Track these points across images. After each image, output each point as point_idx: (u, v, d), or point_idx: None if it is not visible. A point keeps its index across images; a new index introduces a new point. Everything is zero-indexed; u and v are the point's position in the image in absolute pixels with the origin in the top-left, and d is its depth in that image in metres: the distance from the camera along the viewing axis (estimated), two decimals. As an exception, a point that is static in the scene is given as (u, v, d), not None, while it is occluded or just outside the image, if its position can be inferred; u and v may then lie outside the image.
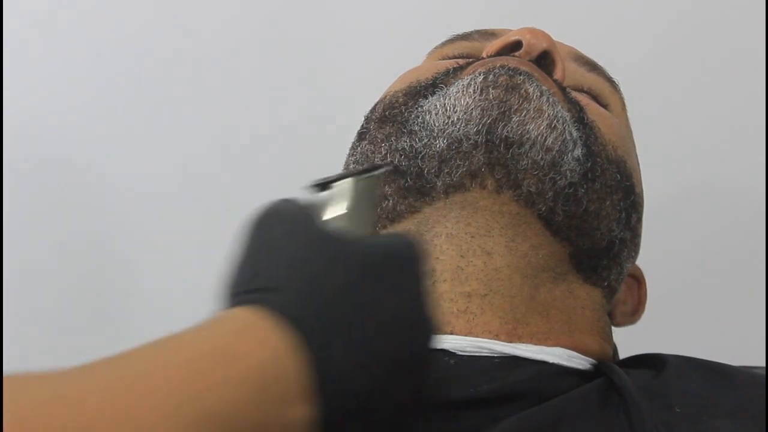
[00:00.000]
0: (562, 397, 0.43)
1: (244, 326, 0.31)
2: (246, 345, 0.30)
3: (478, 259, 0.47)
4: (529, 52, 0.52)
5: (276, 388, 0.30)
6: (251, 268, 0.35)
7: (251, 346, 0.30)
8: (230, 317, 0.32)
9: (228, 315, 0.32)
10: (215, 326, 0.31)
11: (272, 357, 0.30)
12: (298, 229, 0.37)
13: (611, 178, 0.50)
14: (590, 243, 0.50)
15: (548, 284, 0.48)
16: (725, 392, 0.44)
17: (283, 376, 0.30)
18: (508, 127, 0.47)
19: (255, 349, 0.30)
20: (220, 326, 0.31)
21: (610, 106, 0.57)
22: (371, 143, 0.52)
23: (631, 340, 0.58)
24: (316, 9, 0.92)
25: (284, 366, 0.30)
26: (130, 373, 0.28)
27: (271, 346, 0.30)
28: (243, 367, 0.29)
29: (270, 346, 0.30)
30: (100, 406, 0.26)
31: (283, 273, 0.34)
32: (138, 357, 0.29)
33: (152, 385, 0.28)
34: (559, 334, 0.48)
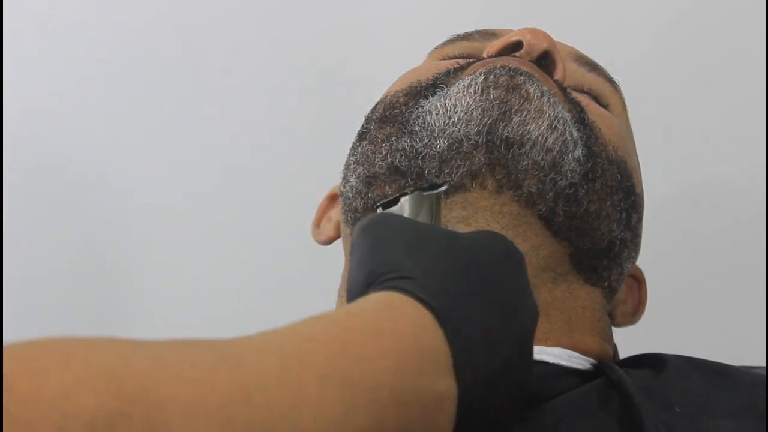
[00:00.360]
0: (562, 397, 0.43)
1: (387, 306, 0.33)
2: (391, 322, 0.32)
3: (478, 260, 0.47)
4: (529, 52, 0.52)
5: (421, 360, 0.32)
6: (377, 258, 0.37)
7: (396, 323, 0.32)
8: (373, 299, 0.34)
9: (371, 298, 0.34)
10: (362, 306, 0.34)
11: (414, 332, 0.32)
12: (412, 226, 0.40)
13: (612, 178, 0.50)
14: (590, 243, 0.50)
15: (548, 284, 0.48)
16: (725, 392, 0.44)
17: (428, 349, 0.32)
18: (508, 127, 0.47)
19: (400, 325, 0.32)
20: (367, 306, 0.33)
21: (611, 107, 0.57)
22: (372, 143, 0.52)
23: (631, 340, 0.58)
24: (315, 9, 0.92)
25: (426, 340, 0.32)
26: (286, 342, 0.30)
27: (413, 322, 0.33)
28: (391, 339, 0.31)
29: (412, 323, 0.32)
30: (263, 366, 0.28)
31: (410, 261, 0.36)
32: (293, 330, 0.31)
33: (311, 350, 0.29)
34: (559, 334, 0.48)
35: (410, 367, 0.31)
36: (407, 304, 0.33)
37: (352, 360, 0.30)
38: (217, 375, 0.26)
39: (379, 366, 0.30)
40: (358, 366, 0.30)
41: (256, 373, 0.27)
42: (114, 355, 0.25)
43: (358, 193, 0.52)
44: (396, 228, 0.39)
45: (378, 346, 0.31)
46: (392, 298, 0.34)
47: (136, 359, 0.25)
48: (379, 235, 0.39)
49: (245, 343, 0.29)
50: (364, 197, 0.52)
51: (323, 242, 0.61)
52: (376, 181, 0.51)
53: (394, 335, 0.32)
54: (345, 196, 0.54)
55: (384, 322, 0.32)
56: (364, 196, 0.52)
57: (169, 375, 0.25)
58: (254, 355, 0.28)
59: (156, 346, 0.27)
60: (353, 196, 0.53)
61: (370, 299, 0.34)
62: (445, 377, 0.32)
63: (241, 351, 0.28)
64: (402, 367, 0.31)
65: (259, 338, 0.30)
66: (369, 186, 0.51)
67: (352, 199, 0.53)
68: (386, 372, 0.30)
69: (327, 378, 0.29)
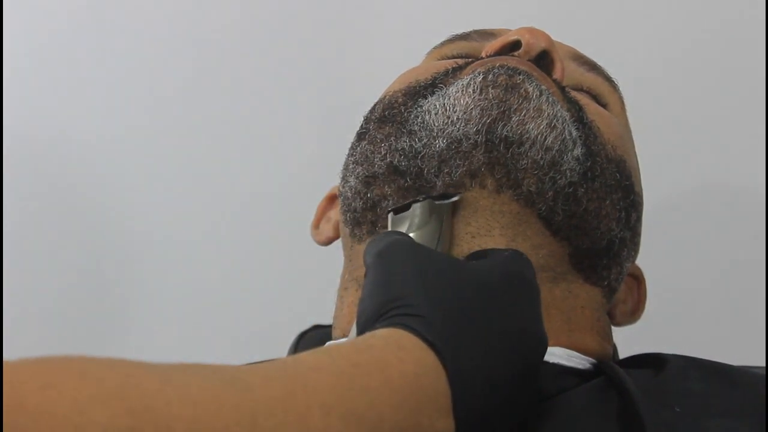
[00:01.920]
0: (562, 396, 0.43)
1: (394, 344, 0.34)
2: (396, 359, 0.33)
3: (478, 259, 0.47)
4: (528, 51, 0.52)
5: (423, 398, 0.33)
6: (387, 290, 0.38)
7: (401, 361, 0.33)
8: (381, 336, 0.35)
9: (379, 334, 0.35)
10: (370, 342, 0.34)
11: (418, 372, 0.33)
12: (422, 257, 0.41)
13: (611, 177, 0.50)
14: (590, 242, 0.50)
15: (548, 284, 0.48)
16: (725, 392, 0.44)
17: (430, 389, 0.33)
18: (507, 126, 0.47)
19: (405, 363, 0.33)
20: (375, 342, 0.34)
21: (610, 106, 0.57)
22: (371, 143, 0.52)
23: (631, 340, 0.58)
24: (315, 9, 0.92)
25: (429, 379, 0.33)
26: (293, 370, 0.31)
27: (418, 362, 0.34)
28: (396, 376, 0.32)
29: (416, 362, 0.34)
30: (270, 392, 0.29)
31: (419, 296, 0.37)
32: (300, 360, 0.32)
33: (318, 380, 0.30)
34: (559, 333, 0.48)
35: (412, 404, 0.32)
36: (413, 343, 0.34)
37: (357, 393, 0.31)
38: (223, 398, 0.27)
39: (383, 401, 0.31)
40: (362, 399, 0.31)
41: (262, 398, 0.28)
42: (125, 375, 0.26)
43: (358, 193, 0.52)
44: (409, 258, 0.40)
45: (383, 382, 0.32)
46: (399, 335, 0.35)
47: (146, 379, 0.26)
48: (391, 265, 0.40)
49: (253, 369, 0.30)
50: (363, 197, 0.52)
51: (322, 243, 0.61)
52: (376, 181, 0.51)
53: (399, 372, 0.33)
54: (344, 196, 0.54)
55: (390, 359, 0.33)
56: (363, 196, 0.52)
57: (177, 396, 0.26)
58: (261, 381, 0.29)
59: (165, 368, 0.28)
60: (352, 196, 0.53)
61: (377, 335, 0.35)
62: (445, 417, 0.33)
63: (249, 376, 0.29)
64: (404, 404, 0.32)
65: (267, 365, 0.31)
66: (368, 186, 0.51)
67: (351, 200, 0.53)
68: (389, 407, 0.31)
69: (332, 408, 0.29)
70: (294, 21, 0.93)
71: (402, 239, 0.43)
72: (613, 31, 0.86)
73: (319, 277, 0.65)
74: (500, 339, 0.37)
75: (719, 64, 0.84)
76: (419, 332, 0.35)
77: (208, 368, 0.29)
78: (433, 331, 0.35)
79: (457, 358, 0.35)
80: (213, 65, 0.93)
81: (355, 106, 0.58)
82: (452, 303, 0.37)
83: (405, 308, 0.36)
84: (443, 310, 0.36)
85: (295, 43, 0.92)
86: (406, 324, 0.35)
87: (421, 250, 0.42)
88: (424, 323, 0.35)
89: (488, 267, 0.41)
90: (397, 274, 0.39)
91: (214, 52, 0.93)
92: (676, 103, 0.84)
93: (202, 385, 0.27)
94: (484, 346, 0.36)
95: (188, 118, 0.93)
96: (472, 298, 0.38)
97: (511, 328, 0.37)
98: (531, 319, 0.39)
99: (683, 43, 0.84)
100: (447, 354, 0.34)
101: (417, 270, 0.39)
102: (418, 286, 0.38)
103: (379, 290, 0.39)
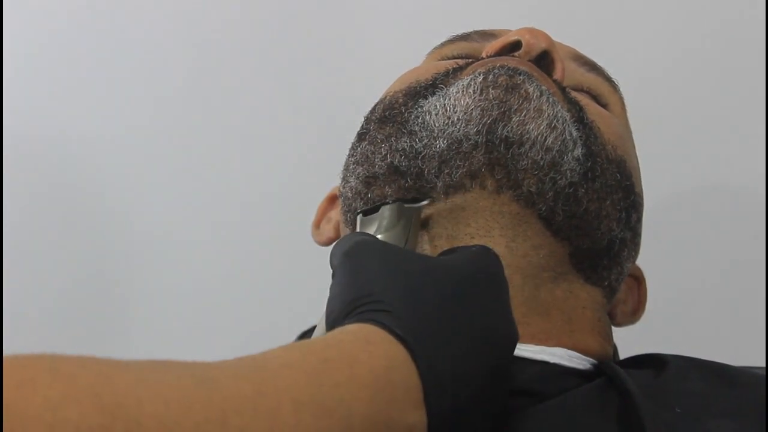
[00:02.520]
0: (563, 396, 0.43)
1: (363, 339, 0.34)
2: (366, 354, 0.33)
3: (478, 260, 0.47)
4: (528, 52, 0.52)
5: (394, 392, 0.33)
6: (356, 288, 0.38)
7: (371, 356, 0.33)
8: (350, 331, 0.35)
9: (348, 329, 0.35)
10: (339, 337, 0.34)
11: (388, 366, 0.33)
12: (393, 253, 0.41)
13: (611, 177, 0.50)
14: (590, 243, 0.50)
15: (549, 284, 0.48)
16: (725, 392, 0.44)
17: (400, 382, 0.33)
18: (508, 127, 0.47)
19: (374, 358, 0.33)
20: (344, 337, 0.34)
21: (610, 106, 0.57)
22: (371, 144, 0.52)
23: (631, 340, 0.58)
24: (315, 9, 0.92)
25: (399, 373, 0.34)
26: (263, 368, 0.31)
27: (388, 356, 0.34)
28: (366, 371, 0.33)
29: (386, 356, 0.34)
30: (240, 390, 0.29)
31: (388, 292, 0.37)
32: (270, 357, 0.32)
33: (288, 377, 0.31)
34: (559, 334, 0.48)
35: (383, 398, 0.32)
36: (382, 337, 0.35)
37: (327, 388, 0.31)
38: (194, 396, 0.27)
39: (354, 396, 0.31)
40: (333, 394, 0.31)
41: (233, 396, 0.28)
42: (97, 373, 0.26)
43: (358, 194, 0.52)
44: (376, 256, 0.40)
45: (353, 377, 0.32)
46: (368, 330, 0.35)
47: (118, 377, 0.27)
48: (359, 264, 0.40)
49: (223, 367, 0.30)
50: (363, 198, 0.52)
51: (323, 243, 0.61)
52: (376, 181, 0.51)
53: (369, 367, 0.33)
54: (344, 196, 0.54)
55: (360, 354, 0.33)
56: (364, 197, 0.52)
57: (148, 394, 0.26)
58: (231, 378, 0.29)
59: (137, 366, 0.28)
60: (353, 196, 0.53)
61: (346, 330, 0.35)
62: (416, 410, 0.33)
63: (219, 374, 0.29)
64: (375, 398, 0.32)
65: (237, 363, 0.31)
66: (368, 186, 0.51)
67: (352, 200, 0.53)
68: (360, 402, 0.31)
69: (303, 404, 0.30)
70: (294, 21, 0.93)
71: (369, 239, 0.44)
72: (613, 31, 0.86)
73: (320, 277, 0.65)
74: (469, 332, 0.37)
75: (719, 64, 0.84)
76: (388, 327, 0.35)
77: (180, 366, 0.29)
78: (402, 326, 0.35)
79: (427, 351, 0.35)
80: (213, 65, 0.93)
81: (355, 107, 0.58)
82: (420, 298, 0.37)
83: (373, 304, 0.36)
84: (411, 304, 0.36)
85: (295, 43, 0.92)
86: (374, 319, 0.35)
87: (388, 248, 0.42)
88: (393, 318, 0.35)
89: (456, 262, 0.41)
90: (365, 272, 0.39)
91: (214, 52, 0.93)
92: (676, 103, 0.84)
93: (174, 383, 0.28)
94: (454, 339, 0.36)
95: (188, 118, 0.93)
96: (439, 292, 0.38)
97: (479, 322, 0.37)
98: (498, 312, 0.39)
99: (683, 43, 0.84)
100: (417, 348, 0.34)
101: (384, 267, 0.39)
102: (386, 282, 0.38)
103: (348, 289, 0.39)
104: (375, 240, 0.44)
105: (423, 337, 0.35)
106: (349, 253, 0.41)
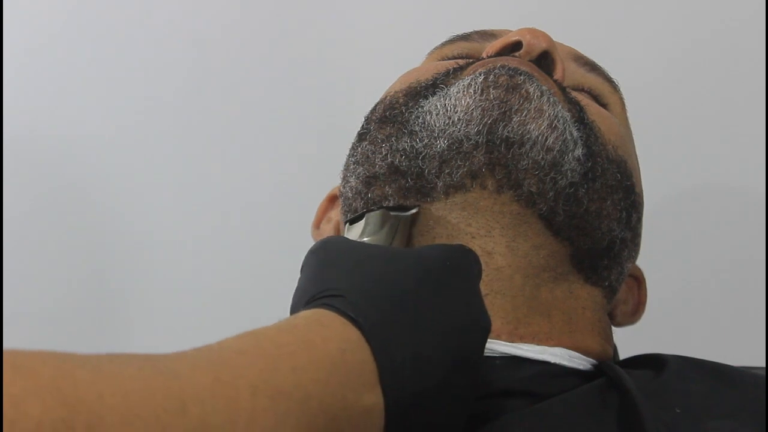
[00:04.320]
0: (563, 396, 0.43)
1: (317, 322, 0.35)
2: (320, 337, 0.34)
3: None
4: (529, 52, 0.52)
5: (349, 373, 0.33)
6: (318, 281, 0.39)
7: (325, 338, 0.34)
8: (304, 316, 0.36)
9: (301, 314, 0.36)
10: (293, 322, 0.35)
11: (342, 347, 0.34)
12: (354, 247, 0.42)
13: (612, 177, 0.50)
14: (591, 243, 0.50)
15: (549, 284, 0.48)
16: (725, 392, 0.44)
17: (355, 364, 0.34)
18: (508, 127, 0.47)
19: (328, 340, 0.34)
20: (298, 322, 0.35)
21: (610, 106, 0.57)
22: (372, 143, 0.52)
23: (631, 340, 0.58)
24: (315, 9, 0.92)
25: (354, 356, 0.34)
26: (220, 356, 0.31)
27: (341, 337, 0.34)
28: (321, 353, 0.33)
29: (340, 338, 0.34)
30: (198, 378, 0.29)
31: (346, 281, 0.38)
32: (226, 345, 0.32)
33: (244, 363, 0.31)
34: (560, 334, 0.48)
35: (339, 380, 0.33)
36: (336, 320, 0.35)
37: (283, 372, 0.31)
38: (153, 387, 0.28)
39: (309, 378, 0.32)
40: (289, 378, 0.31)
41: (191, 384, 0.29)
42: (58, 367, 0.27)
43: (358, 194, 0.52)
44: (340, 250, 0.41)
45: (308, 359, 0.32)
46: (322, 314, 0.36)
47: (79, 371, 0.27)
48: (322, 259, 0.41)
49: (181, 357, 0.31)
50: (364, 197, 0.52)
51: (323, 243, 0.61)
52: (376, 181, 0.51)
53: (324, 350, 0.33)
54: (345, 196, 0.54)
55: (314, 337, 0.34)
56: (364, 197, 0.52)
57: (109, 387, 0.27)
58: (189, 368, 0.30)
59: (98, 360, 0.28)
60: (353, 196, 0.53)
61: (300, 315, 0.36)
62: (372, 392, 0.34)
63: (178, 364, 0.30)
64: (331, 381, 0.32)
65: (194, 353, 0.31)
66: (369, 186, 0.51)
67: (352, 200, 0.53)
68: (316, 384, 0.32)
69: (260, 389, 0.30)
70: (295, 21, 0.93)
71: (336, 237, 0.44)
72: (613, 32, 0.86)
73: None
74: (433, 319, 0.37)
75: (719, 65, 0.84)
76: (340, 309, 0.35)
77: (139, 358, 0.30)
78: (355, 308, 0.35)
79: (382, 333, 0.35)
80: (213, 65, 0.93)
81: (355, 107, 0.58)
82: (378, 284, 0.37)
83: (329, 291, 0.37)
84: (367, 290, 0.37)
85: (295, 43, 0.92)
86: (328, 303, 0.36)
87: (353, 244, 0.43)
88: (346, 302, 0.36)
89: (424, 253, 0.41)
90: (328, 266, 0.40)
91: (214, 52, 0.93)
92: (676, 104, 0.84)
93: (134, 375, 0.28)
94: (415, 325, 0.36)
95: (188, 118, 0.93)
96: (401, 280, 0.38)
97: (444, 310, 0.38)
98: (466, 302, 0.39)
99: (683, 44, 0.85)
100: (369, 328, 0.35)
101: (345, 259, 0.40)
102: (345, 273, 0.39)
103: (309, 283, 0.40)
104: (342, 238, 0.45)
105: (377, 319, 0.35)
106: (315, 250, 0.42)
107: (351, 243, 0.43)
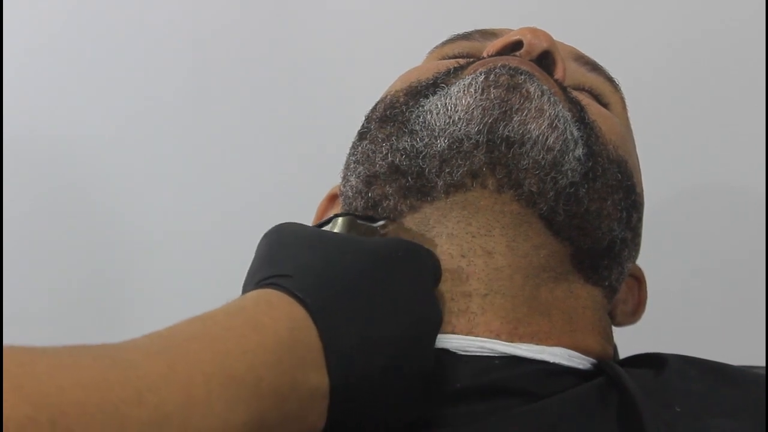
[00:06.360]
0: (563, 395, 0.43)
1: (264, 302, 0.35)
2: (269, 317, 0.34)
3: (479, 259, 0.47)
4: (529, 51, 0.52)
5: (297, 353, 0.33)
6: (268, 263, 0.39)
7: (274, 318, 0.34)
8: (251, 297, 0.36)
9: (248, 296, 0.36)
10: (241, 304, 0.35)
11: (290, 327, 0.34)
12: (308, 232, 0.42)
13: (612, 177, 0.50)
14: (591, 242, 0.49)
15: (549, 284, 0.48)
16: (725, 392, 0.44)
17: (302, 343, 0.34)
18: (509, 126, 0.47)
19: (276, 320, 0.34)
20: (245, 303, 0.35)
21: (611, 106, 0.57)
22: (372, 143, 0.52)
23: (631, 340, 0.58)
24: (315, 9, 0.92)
25: (301, 336, 0.34)
26: (172, 342, 0.31)
27: (289, 317, 0.34)
28: (270, 334, 0.33)
29: (288, 317, 0.34)
30: (153, 368, 0.29)
31: (295, 262, 0.38)
32: (176, 331, 0.33)
33: (197, 349, 0.31)
34: (560, 334, 0.48)
35: (287, 361, 0.33)
36: (283, 300, 0.35)
37: (235, 357, 0.32)
38: (110, 378, 0.28)
39: (260, 360, 0.32)
40: (241, 362, 0.32)
41: (146, 374, 0.29)
42: (19, 363, 0.27)
43: (359, 193, 0.52)
44: (295, 234, 0.42)
45: (258, 342, 0.33)
46: (269, 295, 0.36)
47: (39, 366, 0.27)
48: (275, 241, 0.41)
49: (136, 346, 0.31)
50: (364, 197, 0.52)
51: (323, 242, 0.61)
52: (377, 180, 0.51)
53: (273, 331, 0.34)
54: (345, 195, 0.54)
55: (263, 318, 0.34)
56: (365, 196, 0.52)
57: (69, 381, 0.27)
58: (144, 356, 0.30)
59: (54, 352, 0.29)
60: (353, 195, 0.53)
61: (248, 297, 0.36)
62: (317, 371, 0.34)
63: (132, 354, 0.30)
64: (280, 362, 0.33)
65: (147, 340, 0.32)
66: (369, 185, 0.51)
67: (352, 199, 0.53)
68: (266, 366, 0.32)
69: (213, 376, 0.30)
70: (295, 20, 0.93)
71: (291, 223, 0.44)
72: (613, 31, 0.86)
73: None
74: (381, 307, 0.37)
75: (719, 64, 0.84)
76: (288, 289, 0.36)
77: (95, 348, 0.30)
78: (302, 288, 0.36)
79: (329, 315, 0.35)
80: (213, 65, 0.93)
81: (356, 106, 0.58)
82: (328, 267, 0.38)
83: (279, 271, 0.38)
84: (315, 271, 0.37)
85: (295, 43, 0.92)
86: (276, 283, 0.36)
87: (308, 229, 0.43)
88: (293, 281, 0.36)
89: (376, 243, 0.42)
90: (280, 249, 0.40)
91: (214, 52, 0.93)
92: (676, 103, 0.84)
93: (91, 365, 0.28)
94: (362, 309, 0.36)
95: (188, 118, 0.93)
96: (350, 265, 0.38)
97: (392, 297, 0.38)
98: (415, 296, 0.40)
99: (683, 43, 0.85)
100: (317, 310, 0.35)
101: (299, 243, 0.40)
102: (296, 254, 0.39)
103: (260, 264, 0.40)
104: (297, 223, 0.45)
105: (325, 300, 0.36)
106: (269, 233, 0.43)
107: (305, 228, 0.43)
